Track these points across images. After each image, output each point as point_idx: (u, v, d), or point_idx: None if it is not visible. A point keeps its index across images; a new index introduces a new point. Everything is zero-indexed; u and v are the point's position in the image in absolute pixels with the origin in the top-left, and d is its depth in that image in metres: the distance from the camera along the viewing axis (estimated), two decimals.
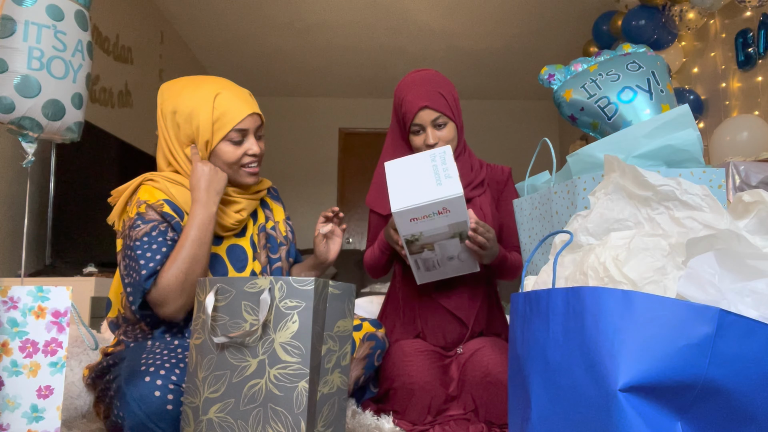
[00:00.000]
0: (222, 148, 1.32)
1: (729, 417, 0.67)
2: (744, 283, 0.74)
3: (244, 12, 4.19)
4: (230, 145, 1.32)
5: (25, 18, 1.18)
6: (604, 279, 0.79)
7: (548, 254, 1.07)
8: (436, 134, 1.48)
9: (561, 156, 1.35)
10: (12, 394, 0.96)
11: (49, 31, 1.21)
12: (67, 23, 1.24)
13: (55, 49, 1.22)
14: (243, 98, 1.35)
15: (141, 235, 1.22)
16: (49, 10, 1.21)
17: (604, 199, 0.92)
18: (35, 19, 1.19)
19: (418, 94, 1.48)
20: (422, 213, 1.24)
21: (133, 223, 1.25)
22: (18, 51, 1.17)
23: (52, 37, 1.21)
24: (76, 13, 1.27)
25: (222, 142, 1.31)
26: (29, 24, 1.19)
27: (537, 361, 0.80)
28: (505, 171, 1.62)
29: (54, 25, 1.22)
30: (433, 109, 1.45)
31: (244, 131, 1.33)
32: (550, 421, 0.77)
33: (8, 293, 0.99)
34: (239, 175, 1.36)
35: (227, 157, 1.32)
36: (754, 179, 2.13)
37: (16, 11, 1.18)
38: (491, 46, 4.72)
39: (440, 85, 1.49)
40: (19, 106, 1.17)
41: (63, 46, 1.23)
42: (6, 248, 2.43)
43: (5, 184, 2.42)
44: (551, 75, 1.51)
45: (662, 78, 1.39)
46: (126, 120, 3.56)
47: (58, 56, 1.22)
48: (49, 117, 1.21)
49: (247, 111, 1.33)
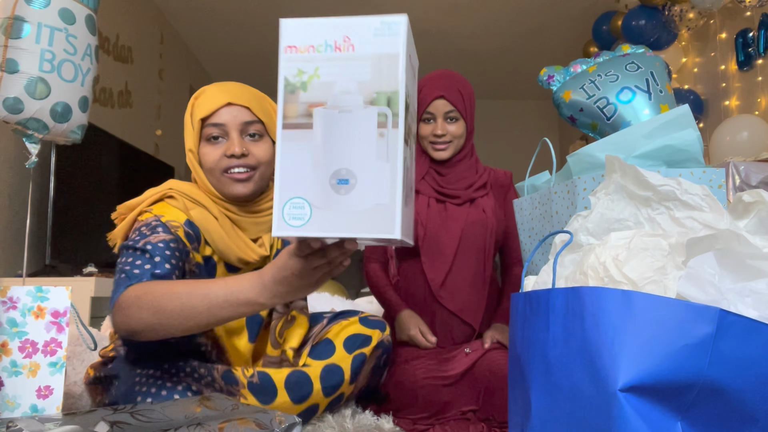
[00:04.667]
0: (201, 152, 1.13)
1: (729, 417, 0.67)
2: (744, 283, 0.73)
3: (244, 12, 4.19)
4: (207, 145, 1.12)
5: (38, 20, 1.18)
6: (604, 279, 0.79)
7: (548, 254, 1.07)
8: (445, 126, 1.50)
9: (561, 156, 1.36)
10: (12, 395, 0.96)
11: (61, 34, 1.21)
12: (78, 27, 1.25)
13: (66, 53, 1.23)
14: (223, 89, 1.13)
15: (158, 240, 1.02)
16: (61, 13, 1.22)
17: (605, 199, 0.92)
18: (48, 21, 1.20)
19: (436, 85, 1.51)
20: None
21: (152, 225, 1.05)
22: (29, 53, 1.18)
23: (63, 40, 1.22)
24: (87, 17, 1.28)
25: (201, 144, 1.13)
26: (42, 26, 1.19)
27: (537, 361, 0.80)
28: (507, 175, 1.63)
29: (66, 29, 1.22)
30: (448, 100, 1.49)
31: (221, 126, 1.11)
32: (550, 421, 0.77)
33: (8, 293, 0.99)
34: (222, 183, 1.13)
35: (205, 161, 1.12)
36: (754, 179, 2.13)
37: (28, 13, 1.19)
38: (491, 46, 4.72)
39: (460, 83, 1.53)
40: (27, 107, 1.18)
41: (74, 49, 1.24)
42: (6, 248, 2.42)
43: (5, 184, 2.42)
44: (550, 76, 1.51)
45: (661, 78, 1.39)
46: (126, 120, 3.56)
47: (69, 59, 1.23)
48: (57, 119, 1.22)
49: (221, 100, 1.11)
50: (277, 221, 0.68)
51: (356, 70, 0.68)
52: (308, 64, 0.69)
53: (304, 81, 0.69)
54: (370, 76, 0.68)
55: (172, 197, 1.12)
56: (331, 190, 0.67)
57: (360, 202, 0.67)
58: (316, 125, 0.68)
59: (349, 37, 0.69)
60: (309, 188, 0.67)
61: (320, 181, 0.67)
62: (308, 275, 0.78)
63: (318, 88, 0.68)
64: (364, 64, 0.68)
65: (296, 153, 0.68)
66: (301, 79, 0.69)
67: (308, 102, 0.68)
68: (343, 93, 0.68)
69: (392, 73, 0.67)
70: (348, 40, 0.68)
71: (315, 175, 0.68)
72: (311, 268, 0.78)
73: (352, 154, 0.67)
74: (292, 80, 0.69)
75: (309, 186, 0.67)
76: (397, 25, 0.68)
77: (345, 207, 0.67)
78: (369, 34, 0.68)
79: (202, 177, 1.15)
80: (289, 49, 0.70)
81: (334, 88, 0.68)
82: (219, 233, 1.13)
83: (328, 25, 0.69)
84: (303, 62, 0.69)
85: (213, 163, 1.11)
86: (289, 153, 0.68)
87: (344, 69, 0.68)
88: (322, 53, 0.69)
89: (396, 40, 0.68)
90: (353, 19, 0.69)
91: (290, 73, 0.69)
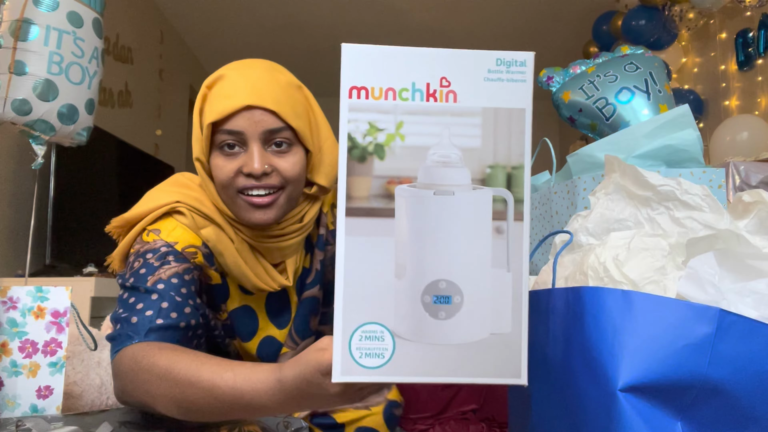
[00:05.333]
0: (212, 163, 0.88)
1: (729, 417, 0.67)
2: (744, 283, 0.73)
3: (245, 12, 4.19)
4: (220, 156, 0.87)
5: (47, 23, 1.19)
6: (604, 279, 0.79)
7: (548, 254, 1.07)
8: None
9: (561, 156, 1.36)
10: (12, 395, 0.96)
11: (69, 37, 1.22)
12: (85, 30, 1.26)
13: (74, 55, 1.24)
14: (244, 82, 0.86)
15: (171, 275, 0.85)
16: (69, 16, 1.23)
17: (604, 199, 0.91)
18: (57, 24, 1.21)
19: None
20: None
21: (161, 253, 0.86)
22: (38, 55, 1.18)
23: (71, 43, 1.23)
24: (94, 20, 1.29)
25: (213, 153, 0.88)
26: (51, 29, 1.20)
27: (537, 360, 0.80)
28: None
29: (74, 32, 1.24)
30: None
31: (239, 135, 0.85)
32: (549, 421, 0.77)
33: (8, 293, 0.99)
34: (238, 207, 0.88)
35: (217, 176, 0.88)
36: (754, 179, 2.12)
37: (37, 15, 1.19)
38: (491, 46, 4.72)
39: None
40: (36, 109, 1.18)
41: (81, 52, 1.25)
42: (6, 248, 2.42)
43: (5, 184, 2.42)
44: (550, 77, 1.51)
45: (660, 78, 1.39)
46: (126, 120, 3.55)
47: (77, 62, 1.24)
48: (63, 121, 1.23)
49: (239, 101, 0.83)
50: (341, 359, 0.48)
51: (460, 131, 0.45)
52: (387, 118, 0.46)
53: (379, 143, 0.46)
54: (482, 141, 0.46)
55: (181, 213, 0.91)
56: (424, 313, 0.47)
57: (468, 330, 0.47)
58: (400, 213, 0.46)
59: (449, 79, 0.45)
60: (390, 310, 0.47)
61: (407, 298, 0.47)
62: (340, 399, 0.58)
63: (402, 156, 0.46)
64: (473, 122, 0.45)
65: (368, 255, 0.46)
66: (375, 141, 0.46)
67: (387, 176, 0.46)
68: (441, 165, 0.46)
69: (517, 138, 0.46)
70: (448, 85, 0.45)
71: (399, 290, 0.47)
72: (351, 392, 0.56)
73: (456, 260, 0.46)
74: (361, 142, 0.46)
75: (390, 307, 0.47)
76: (521, 64, 0.47)
77: (445, 338, 0.47)
78: (480, 77, 0.46)
79: (213, 193, 0.91)
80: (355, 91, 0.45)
81: (427, 156, 0.46)
82: (234, 259, 0.92)
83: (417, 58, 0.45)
84: (378, 114, 0.46)
85: (226, 180, 0.86)
86: (356, 254, 0.46)
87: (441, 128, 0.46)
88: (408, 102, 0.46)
89: (522, 88, 0.46)
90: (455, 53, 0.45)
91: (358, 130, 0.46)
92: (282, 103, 0.87)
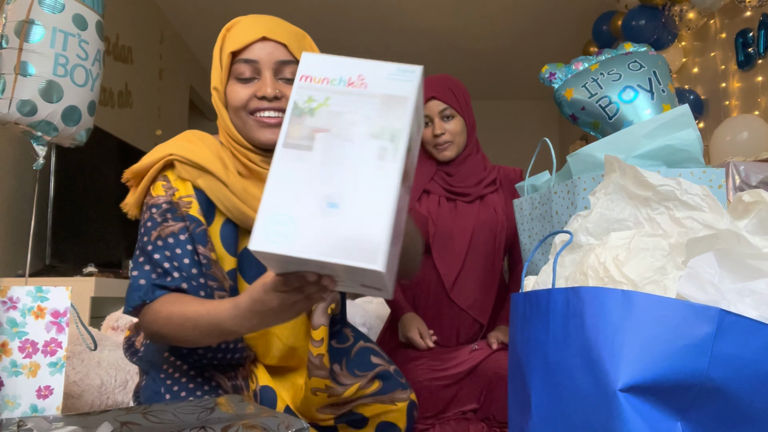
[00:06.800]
0: (228, 89, 1.03)
1: (729, 417, 0.67)
2: (744, 283, 0.73)
3: (245, 12, 4.19)
4: (236, 83, 1.02)
5: (53, 25, 1.21)
6: (604, 279, 0.79)
7: (548, 254, 1.07)
8: (443, 125, 1.52)
9: (561, 156, 1.36)
10: (12, 395, 0.96)
11: (74, 39, 1.24)
12: (89, 33, 1.28)
13: (79, 58, 1.26)
14: (260, 21, 1.03)
15: (168, 234, 0.98)
16: (75, 19, 1.25)
17: (604, 199, 0.91)
18: (62, 27, 1.23)
19: (428, 88, 1.54)
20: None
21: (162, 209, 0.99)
22: (44, 56, 1.20)
23: (77, 45, 1.25)
24: (97, 23, 1.30)
25: (230, 81, 1.03)
26: (57, 31, 1.21)
27: (537, 361, 0.80)
28: (517, 172, 1.64)
29: (79, 34, 1.26)
30: (441, 100, 1.51)
31: (253, 64, 1.00)
32: (550, 422, 0.77)
33: (8, 293, 0.99)
34: (249, 127, 1.01)
35: (231, 99, 1.02)
36: (754, 179, 2.13)
37: (42, 17, 1.20)
38: (491, 46, 4.72)
39: (450, 81, 1.55)
40: (41, 110, 1.20)
41: (85, 54, 1.27)
42: (6, 248, 2.42)
43: (5, 185, 2.42)
44: (552, 74, 1.51)
45: (664, 78, 1.38)
46: (126, 120, 3.56)
47: (81, 64, 1.26)
48: (67, 122, 1.24)
49: (256, 33, 1.00)
50: (258, 235, 0.64)
51: (365, 105, 0.69)
52: (320, 94, 0.70)
53: (312, 107, 0.69)
54: (378, 113, 0.68)
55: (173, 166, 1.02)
56: (319, 212, 0.64)
57: (347, 227, 0.63)
58: (317, 148, 0.67)
59: (364, 76, 0.70)
60: (297, 207, 0.65)
61: (310, 201, 0.65)
62: (285, 310, 0.77)
63: (325, 116, 0.69)
64: (374, 101, 0.69)
65: (291, 172, 0.66)
66: (310, 106, 0.70)
67: (313, 127, 0.68)
68: (349, 124, 0.68)
69: (400, 114, 0.68)
70: (362, 79, 0.70)
71: (306, 196, 0.65)
72: (288, 304, 0.75)
73: (347, 180, 0.65)
74: (302, 105, 0.70)
75: (298, 205, 0.65)
76: (411, 73, 0.70)
77: (331, 231, 0.63)
78: (383, 77, 0.70)
79: (225, 119, 1.04)
80: (304, 78, 0.71)
81: (341, 118, 0.68)
82: (232, 202, 1.02)
83: (346, 63, 0.71)
84: (315, 91, 0.70)
85: (240, 102, 1.00)
86: (283, 171, 0.67)
87: (353, 103, 0.69)
88: (335, 86, 0.70)
89: (408, 86, 0.69)
90: (371, 62, 0.71)
91: (301, 99, 0.70)
92: (292, 40, 1.03)
